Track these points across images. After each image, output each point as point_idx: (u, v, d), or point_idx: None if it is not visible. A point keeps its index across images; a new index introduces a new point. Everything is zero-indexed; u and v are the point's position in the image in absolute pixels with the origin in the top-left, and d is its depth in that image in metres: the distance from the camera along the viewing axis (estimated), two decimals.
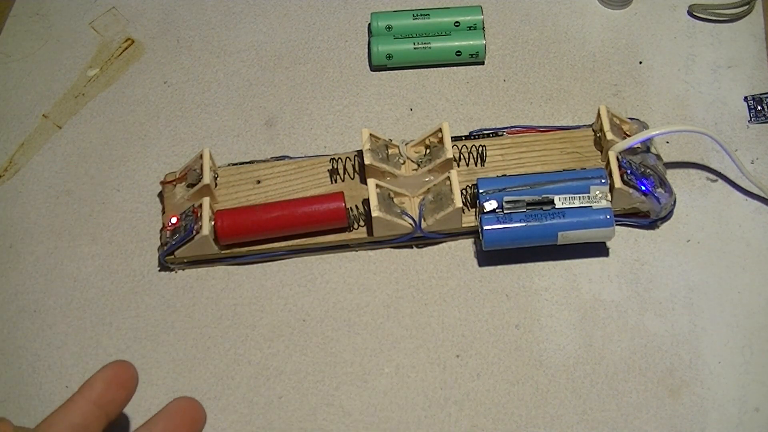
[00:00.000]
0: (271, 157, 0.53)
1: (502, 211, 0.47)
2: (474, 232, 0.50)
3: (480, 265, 0.50)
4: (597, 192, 0.48)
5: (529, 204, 0.47)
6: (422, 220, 0.48)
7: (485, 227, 0.47)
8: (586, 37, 0.59)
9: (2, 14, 0.63)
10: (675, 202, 0.50)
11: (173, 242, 0.48)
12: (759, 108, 0.54)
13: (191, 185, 0.50)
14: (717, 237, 0.50)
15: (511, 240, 0.47)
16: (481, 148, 0.51)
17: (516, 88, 0.57)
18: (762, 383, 0.46)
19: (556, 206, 0.47)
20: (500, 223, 0.47)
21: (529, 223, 0.47)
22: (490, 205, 0.47)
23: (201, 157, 0.50)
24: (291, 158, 0.53)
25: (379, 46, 0.57)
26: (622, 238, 0.50)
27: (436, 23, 0.58)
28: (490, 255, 0.50)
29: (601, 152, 0.51)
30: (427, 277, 0.50)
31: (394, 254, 0.51)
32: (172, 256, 0.49)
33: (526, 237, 0.47)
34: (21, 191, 0.54)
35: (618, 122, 0.51)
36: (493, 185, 0.48)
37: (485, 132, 0.53)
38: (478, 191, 0.48)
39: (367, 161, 0.48)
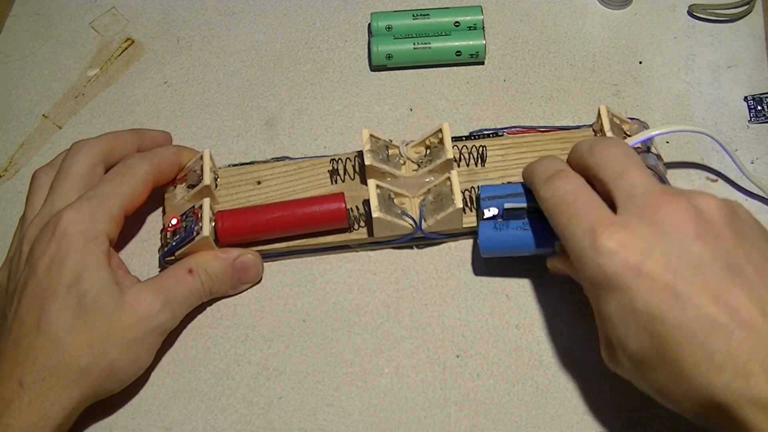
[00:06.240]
0: (272, 158, 0.53)
1: (501, 218, 0.46)
2: (474, 233, 0.50)
3: (480, 265, 0.50)
4: None
5: (529, 211, 0.46)
6: (422, 220, 0.48)
7: (480, 236, 0.46)
8: (586, 37, 0.59)
9: (2, 14, 0.63)
10: None
11: (173, 243, 0.48)
12: (759, 108, 0.54)
13: (191, 186, 0.50)
14: None
15: (507, 248, 0.46)
16: (481, 149, 0.51)
17: (516, 88, 0.57)
18: None
19: None
20: (497, 230, 0.46)
21: (525, 231, 0.45)
22: (489, 212, 0.46)
23: (201, 158, 0.50)
24: (291, 159, 0.53)
25: (379, 46, 0.57)
26: None
27: (436, 23, 0.58)
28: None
29: None
30: (427, 277, 0.50)
31: (394, 255, 0.51)
32: (173, 257, 0.49)
33: (522, 245, 0.46)
34: (21, 191, 0.54)
35: (618, 122, 0.51)
36: (495, 192, 0.47)
37: (485, 132, 0.53)
38: (480, 198, 0.47)
39: (367, 162, 0.48)
